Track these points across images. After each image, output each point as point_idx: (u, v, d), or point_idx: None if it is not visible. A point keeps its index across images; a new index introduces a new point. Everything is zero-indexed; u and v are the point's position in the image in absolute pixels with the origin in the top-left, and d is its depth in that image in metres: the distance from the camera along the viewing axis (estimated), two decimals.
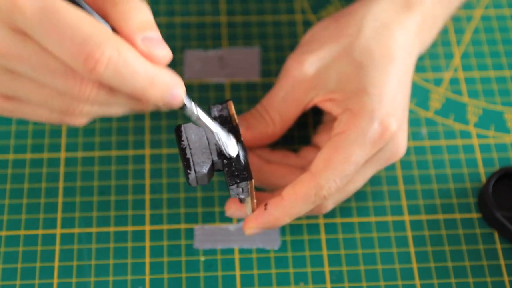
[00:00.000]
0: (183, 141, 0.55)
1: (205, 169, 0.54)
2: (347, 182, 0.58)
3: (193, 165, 0.54)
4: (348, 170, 0.57)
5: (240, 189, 0.55)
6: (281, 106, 0.61)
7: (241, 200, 0.58)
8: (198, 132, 0.55)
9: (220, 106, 0.56)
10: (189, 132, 0.55)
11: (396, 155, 0.61)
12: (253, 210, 0.58)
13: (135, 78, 0.47)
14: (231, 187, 0.54)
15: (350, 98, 0.59)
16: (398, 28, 0.62)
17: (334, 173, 0.57)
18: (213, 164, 0.54)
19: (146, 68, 0.47)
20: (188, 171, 0.54)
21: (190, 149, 0.54)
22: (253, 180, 0.54)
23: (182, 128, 0.55)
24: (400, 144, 0.60)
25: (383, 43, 0.61)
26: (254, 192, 0.56)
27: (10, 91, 0.49)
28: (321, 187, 0.57)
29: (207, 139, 0.55)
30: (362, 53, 0.60)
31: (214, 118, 0.56)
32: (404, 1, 0.63)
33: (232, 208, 0.60)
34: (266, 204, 0.58)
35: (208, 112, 0.56)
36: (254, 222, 0.58)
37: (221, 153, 0.54)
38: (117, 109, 0.50)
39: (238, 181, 0.54)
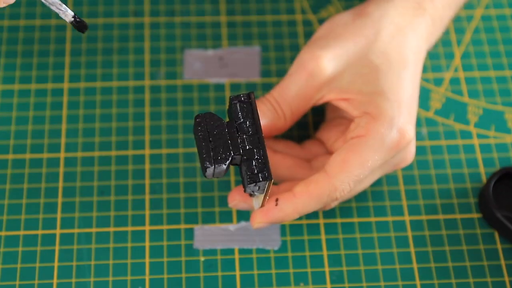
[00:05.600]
0: (202, 132, 0.54)
1: (224, 165, 0.53)
2: (358, 185, 0.59)
3: (213, 158, 0.53)
4: (363, 175, 0.58)
5: (257, 187, 0.54)
6: (293, 101, 0.60)
7: (252, 194, 0.57)
8: (220, 125, 0.54)
9: (242, 97, 0.55)
10: (210, 124, 0.54)
11: (405, 161, 0.61)
12: (262, 205, 0.58)
13: None
14: (249, 185, 0.54)
15: (369, 101, 0.59)
16: (412, 33, 0.61)
17: (349, 176, 0.57)
18: (231, 159, 0.54)
19: None
20: (207, 163, 0.53)
21: (210, 141, 0.53)
22: (272, 180, 0.54)
23: (202, 119, 0.54)
24: (411, 151, 0.61)
25: (398, 48, 0.60)
26: (269, 191, 0.56)
27: None
28: (335, 189, 0.57)
29: (228, 133, 0.54)
30: (379, 57, 0.60)
31: (235, 110, 0.55)
32: (418, 4, 0.62)
33: (236, 200, 0.60)
34: (277, 200, 0.58)
35: (229, 104, 0.55)
36: (264, 217, 0.58)
37: (239, 147, 0.54)
38: None
39: (258, 180, 0.53)
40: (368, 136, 0.58)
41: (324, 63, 0.60)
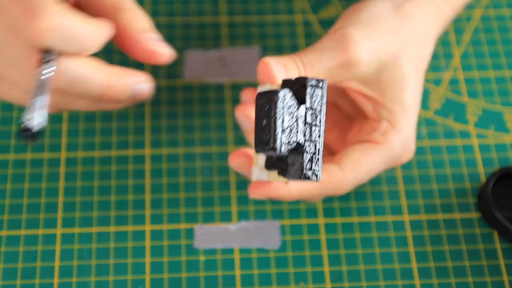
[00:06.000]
0: (283, 110, 0.50)
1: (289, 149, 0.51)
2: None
3: (282, 141, 0.50)
4: (367, 179, 0.59)
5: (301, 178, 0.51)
6: (319, 73, 0.57)
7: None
8: (293, 105, 0.51)
9: (315, 82, 0.51)
10: (287, 103, 0.51)
11: (398, 164, 0.61)
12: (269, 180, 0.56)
13: (91, 86, 0.53)
14: (294, 178, 0.51)
15: (392, 110, 0.59)
16: (432, 42, 0.61)
17: (357, 179, 0.58)
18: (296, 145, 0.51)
19: (102, 76, 0.53)
20: (277, 144, 0.50)
21: (283, 122, 0.50)
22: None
23: (283, 94, 0.50)
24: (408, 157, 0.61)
25: (422, 58, 0.60)
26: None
27: None
28: (342, 189, 0.58)
29: (297, 116, 0.51)
30: (408, 65, 0.59)
31: (308, 94, 0.51)
32: (441, 10, 0.62)
33: (238, 162, 0.57)
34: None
35: (303, 85, 0.51)
36: (268, 191, 0.56)
37: (303, 135, 0.51)
38: (78, 106, 0.55)
39: (308, 178, 0.50)
40: (384, 145, 0.58)
41: (364, 53, 0.57)
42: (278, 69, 0.55)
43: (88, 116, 0.67)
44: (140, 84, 0.55)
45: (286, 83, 0.52)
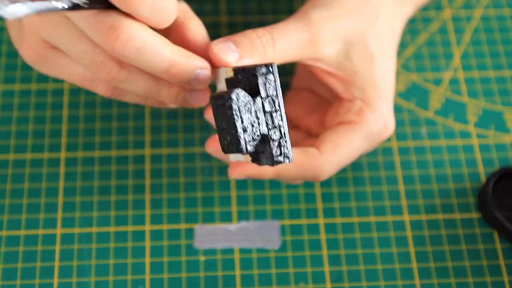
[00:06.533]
0: (237, 110, 0.50)
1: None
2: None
3: (247, 139, 0.50)
4: (348, 162, 0.59)
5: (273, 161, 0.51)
6: (288, 50, 0.57)
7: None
8: (249, 101, 0.50)
9: (265, 69, 0.51)
10: (242, 101, 0.50)
11: (380, 141, 0.61)
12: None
13: (157, 58, 0.51)
14: (267, 164, 0.51)
15: (364, 88, 0.59)
16: (399, 24, 0.62)
17: (338, 161, 0.58)
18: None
19: (168, 51, 0.52)
20: (243, 144, 0.50)
21: (242, 121, 0.50)
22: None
23: (236, 95, 0.50)
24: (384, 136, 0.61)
25: (389, 38, 0.60)
26: None
27: (56, 40, 0.53)
28: (322, 171, 0.58)
29: (256, 110, 0.51)
30: (375, 44, 0.59)
31: (260, 84, 0.51)
32: None
33: (215, 148, 0.58)
34: None
35: (253, 74, 0.51)
36: (246, 171, 0.56)
37: (266, 125, 0.51)
38: (137, 88, 0.54)
39: (281, 162, 0.50)
40: (361, 124, 0.59)
41: (328, 32, 0.57)
42: (226, 51, 0.55)
43: (88, 116, 0.67)
44: (202, 69, 0.54)
45: (237, 72, 0.52)
